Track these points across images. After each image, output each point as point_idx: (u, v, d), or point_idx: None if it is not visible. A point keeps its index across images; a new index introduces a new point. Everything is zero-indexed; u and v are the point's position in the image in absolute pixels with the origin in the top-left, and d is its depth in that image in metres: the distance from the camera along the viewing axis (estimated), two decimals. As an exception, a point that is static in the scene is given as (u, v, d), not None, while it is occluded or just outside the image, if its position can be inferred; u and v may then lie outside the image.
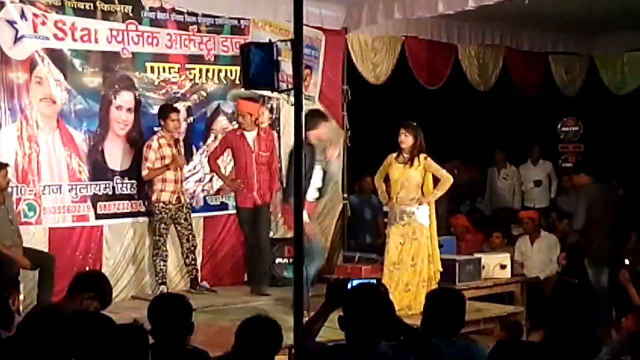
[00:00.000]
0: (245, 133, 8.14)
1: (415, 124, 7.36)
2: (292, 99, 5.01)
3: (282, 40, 5.20)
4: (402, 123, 7.37)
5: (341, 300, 3.64)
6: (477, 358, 3.87)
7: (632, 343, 4.35)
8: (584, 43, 11.60)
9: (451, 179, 7.44)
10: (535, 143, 11.55)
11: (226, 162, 8.49)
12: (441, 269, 7.42)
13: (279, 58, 5.07)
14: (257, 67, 4.91)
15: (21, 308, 6.65)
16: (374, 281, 4.08)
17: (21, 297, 6.97)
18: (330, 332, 3.92)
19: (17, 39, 7.30)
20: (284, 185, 8.09)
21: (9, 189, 7.06)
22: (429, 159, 7.32)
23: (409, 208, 7.31)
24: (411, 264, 7.27)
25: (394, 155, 7.41)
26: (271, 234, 8.62)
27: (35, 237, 7.36)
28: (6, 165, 7.01)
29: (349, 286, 3.76)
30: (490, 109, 11.48)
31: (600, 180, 8.65)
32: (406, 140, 7.27)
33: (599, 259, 8.26)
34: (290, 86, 5.19)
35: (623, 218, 8.97)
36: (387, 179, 7.52)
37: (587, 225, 8.43)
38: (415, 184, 7.33)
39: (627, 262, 7.98)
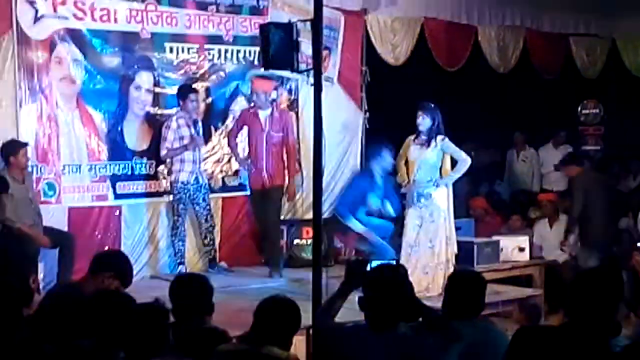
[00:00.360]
0: (259, 112, 8.11)
1: (432, 105, 7.32)
2: (311, 79, 4.97)
3: (301, 21, 5.17)
4: (419, 105, 7.33)
5: (360, 281, 3.64)
6: (496, 340, 3.86)
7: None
8: (606, 25, 11.48)
9: (469, 161, 7.40)
10: (559, 127, 11.47)
11: (245, 142, 8.47)
12: (457, 252, 7.40)
13: (298, 39, 5.06)
14: (277, 48, 4.89)
15: (41, 286, 6.71)
16: (394, 262, 4.09)
17: (41, 275, 7.04)
18: (350, 312, 3.93)
19: (37, 19, 7.30)
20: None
21: (29, 169, 7.09)
22: (446, 139, 7.28)
23: (426, 190, 7.29)
24: (429, 246, 7.26)
25: (412, 137, 7.38)
26: (282, 216, 8.56)
27: (54, 217, 7.40)
28: (26, 144, 7.04)
29: (369, 267, 3.76)
30: (510, 91, 11.41)
31: (597, 169, 8.73)
32: (423, 122, 7.24)
33: (591, 244, 8.29)
34: (309, 67, 5.17)
35: (621, 204, 9.08)
36: (407, 162, 7.50)
37: (584, 211, 8.55)
38: (431, 166, 7.30)
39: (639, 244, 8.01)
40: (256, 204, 8.29)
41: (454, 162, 7.43)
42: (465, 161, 7.37)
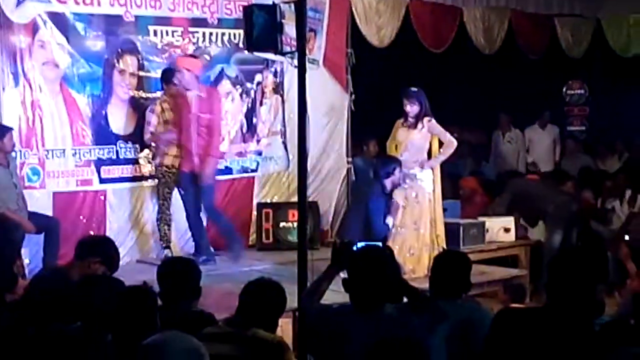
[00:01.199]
0: (187, 93, 7.64)
1: (416, 89, 7.31)
2: (295, 61, 4.95)
3: (285, 2, 5.14)
4: (403, 92, 7.32)
5: (346, 263, 3.65)
6: (482, 320, 3.88)
7: (636, 304, 4.38)
8: (590, 5, 11.50)
9: (454, 143, 7.42)
10: (544, 107, 11.50)
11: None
12: (440, 234, 7.40)
13: (283, 21, 5.03)
14: (261, 30, 4.87)
15: (27, 272, 6.69)
16: (379, 243, 4.10)
17: (26, 261, 7.01)
18: (335, 294, 3.94)
19: (19, 2, 7.21)
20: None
21: (13, 154, 7.05)
22: (432, 121, 7.29)
23: (411, 171, 7.30)
24: (414, 228, 7.28)
25: (401, 120, 7.40)
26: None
27: (39, 202, 7.36)
28: (11, 128, 7.00)
29: (355, 248, 3.77)
30: (496, 72, 11.42)
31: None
32: (412, 109, 7.27)
33: (557, 221, 8.31)
34: (293, 49, 5.15)
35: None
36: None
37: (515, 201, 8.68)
38: (418, 147, 7.32)
39: (627, 237, 8.08)
40: (186, 188, 7.80)
41: (441, 145, 7.44)
42: (451, 143, 7.39)
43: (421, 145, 7.34)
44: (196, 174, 7.63)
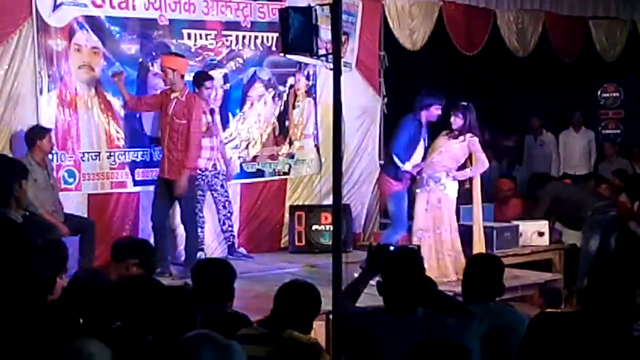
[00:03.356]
0: (172, 93, 7.44)
1: (465, 104, 7.26)
2: (330, 64, 4.95)
3: (320, 5, 5.14)
4: (453, 105, 7.28)
5: (381, 266, 3.65)
6: (516, 323, 3.86)
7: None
8: (626, 7, 11.38)
9: (486, 165, 7.36)
10: (576, 109, 11.40)
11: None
12: (457, 240, 7.30)
13: (317, 24, 5.03)
14: (296, 32, 4.87)
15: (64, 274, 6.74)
16: (414, 246, 4.09)
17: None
18: (370, 298, 3.94)
19: (56, 7, 7.31)
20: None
21: (49, 156, 7.13)
22: (475, 138, 7.23)
23: (437, 174, 7.22)
24: (437, 232, 7.21)
25: (445, 131, 7.34)
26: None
27: (74, 203, 7.45)
28: (50, 129, 7.09)
29: (389, 251, 3.77)
30: (529, 75, 11.34)
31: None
32: (455, 121, 7.23)
33: (595, 226, 8.23)
34: (328, 52, 5.14)
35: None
36: None
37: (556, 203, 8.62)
38: (453, 156, 7.24)
39: None
40: (156, 194, 7.53)
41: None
42: (484, 163, 7.32)
43: (456, 155, 7.26)
44: (169, 182, 7.38)
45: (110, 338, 2.76)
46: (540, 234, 8.55)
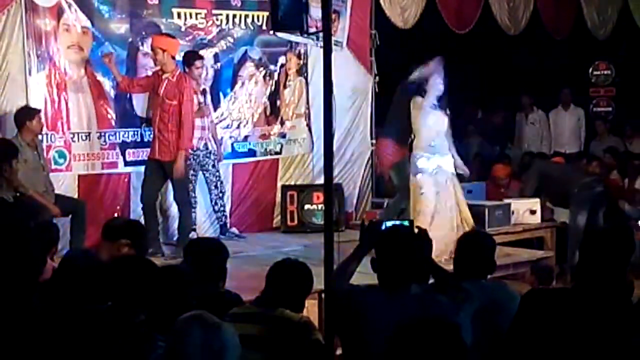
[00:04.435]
0: (163, 75, 7.43)
1: None
2: (321, 42, 4.92)
3: (310, -17, 5.10)
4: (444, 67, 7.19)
5: (375, 242, 3.64)
6: (508, 301, 3.86)
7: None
8: (617, -16, 11.34)
9: None
10: (564, 86, 11.39)
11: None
12: (467, 216, 7.28)
13: (308, 1, 4.99)
14: (286, 9, 4.83)
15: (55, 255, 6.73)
16: (407, 223, 4.08)
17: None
18: (363, 277, 3.93)
19: (44, -14, 7.26)
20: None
21: (39, 137, 7.10)
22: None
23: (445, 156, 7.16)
24: (449, 213, 7.14)
25: (423, 99, 7.09)
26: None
27: (65, 184, 7.43)
28: (39, 110, 7.05)
29: (382, 228, 3.77)
30: (520, 53, 11.31)
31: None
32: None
33: (581, 203, 8.25)
34: (318, 30, 5.11)
35: None
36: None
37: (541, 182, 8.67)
38: (447, 133, 7.20)
39: None
40: (146, 175, 7.53)
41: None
42: None
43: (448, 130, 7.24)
44: (160, 164, 7.40)
45: (100, 318, 2.74)
46: (532, 212, 8.55)
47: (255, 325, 3.56)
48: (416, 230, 3.89)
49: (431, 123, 7.12)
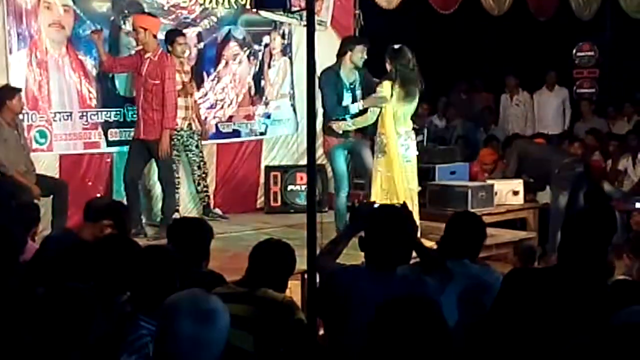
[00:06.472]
0: (145, 54, 7.39)
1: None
2: (304, 21, 4.89)
3: (294, -39, 5.07)
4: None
5: (364, 223, 3.64)
6: (492, 281, 3.88)
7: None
8: (601, -35, 11.33)
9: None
10: (550, 69, 11.40)
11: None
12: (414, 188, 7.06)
13: (291, -21, 4.95)
14: (269, -13, 4.80)
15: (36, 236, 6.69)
16: (400, 204, 4.08)
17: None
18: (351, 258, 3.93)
19: (24, -38, 7.17)
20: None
21: (20, 116, 7.03)
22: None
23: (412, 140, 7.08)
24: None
25: (391, 82, 7.04)
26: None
27: (46, 164, 7.37)
28: (19, 89, 6.97)
29: (372, 208, 3.77)
30: (504, 34, 11.31)
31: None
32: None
33: (562, 183, 8.26)
34: (301, 8, 5.08)
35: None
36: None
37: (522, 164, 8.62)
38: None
39: (637, 205, 8.05)
40: (130, 154, 7.51)
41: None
42: None
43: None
44: (144, 143, 7.38)
45: (81, 296, 2.72)
46: (515, 193, 8.57)
47: (238, 304, 3.54)
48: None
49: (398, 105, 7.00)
